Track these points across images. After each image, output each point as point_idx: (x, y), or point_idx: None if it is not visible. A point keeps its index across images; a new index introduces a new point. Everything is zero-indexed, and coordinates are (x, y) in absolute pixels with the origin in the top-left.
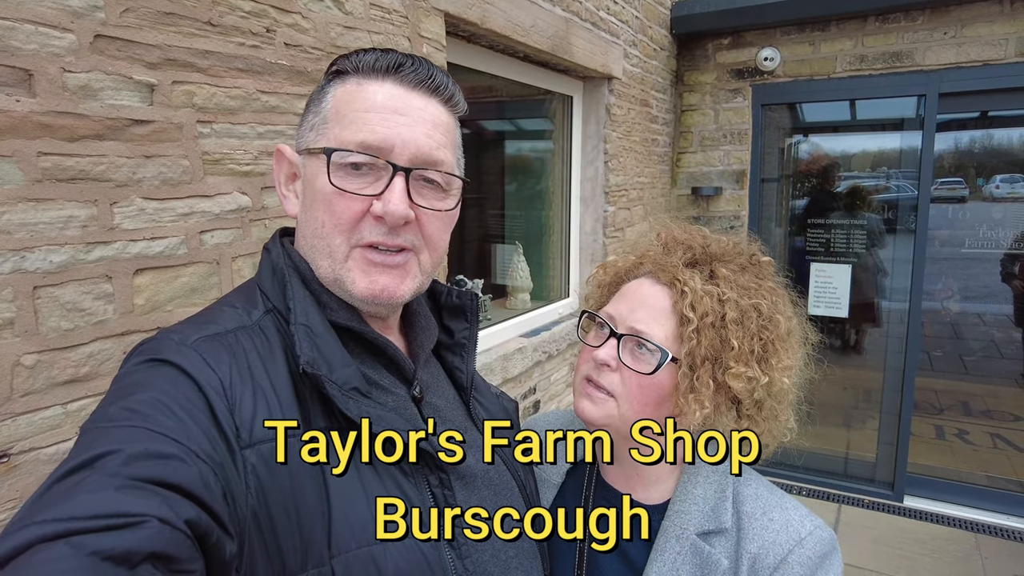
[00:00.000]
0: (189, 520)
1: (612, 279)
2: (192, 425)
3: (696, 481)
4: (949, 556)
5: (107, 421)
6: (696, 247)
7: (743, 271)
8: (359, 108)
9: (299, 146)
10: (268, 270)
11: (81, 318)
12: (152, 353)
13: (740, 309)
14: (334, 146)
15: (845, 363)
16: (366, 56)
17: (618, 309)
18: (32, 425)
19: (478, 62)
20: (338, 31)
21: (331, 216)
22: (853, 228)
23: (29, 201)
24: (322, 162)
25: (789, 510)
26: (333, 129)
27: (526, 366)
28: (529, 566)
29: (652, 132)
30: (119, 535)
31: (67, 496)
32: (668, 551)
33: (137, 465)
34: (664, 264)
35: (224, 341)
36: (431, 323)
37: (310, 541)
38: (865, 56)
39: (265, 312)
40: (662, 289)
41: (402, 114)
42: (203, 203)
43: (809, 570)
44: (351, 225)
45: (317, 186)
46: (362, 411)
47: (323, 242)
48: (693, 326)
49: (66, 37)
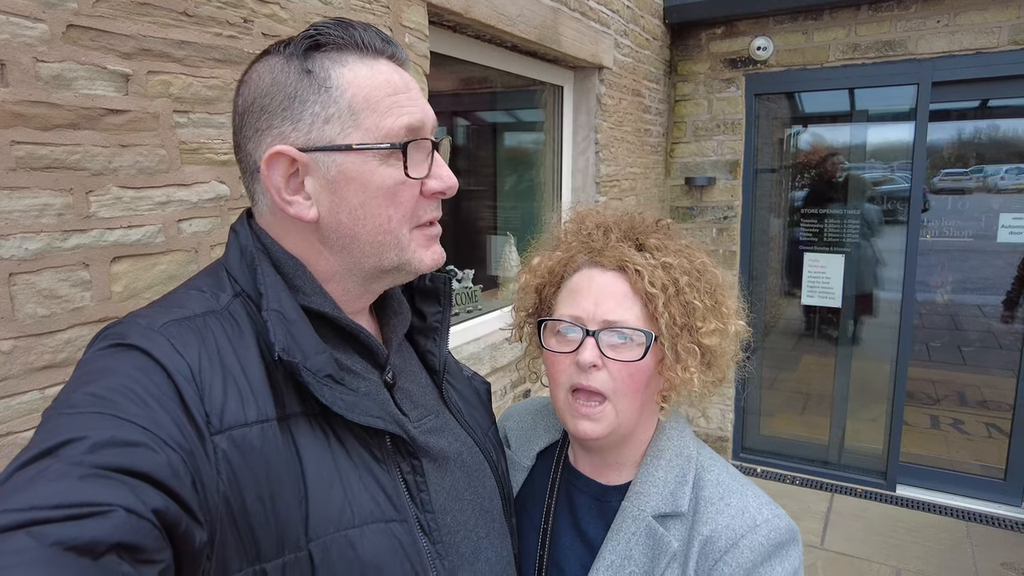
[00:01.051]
0: (157, 510)
1: (547, 279)
2: (160, 412)
3: (658, 464)
4: (939, 544)
5: (71, 407)
6: (612, 226)
7: (665, 237)
8: (386, 92)
9: (309, 143)
10: (236, 252)
11: (58, 305)
12: (118, 338)
13: (685, 271)
14: (378, 136)
15: (839, 353)
16: (355, 33)
17: (580, 306)
18: (9, 409)
19: (464, 52)
20: (317, 20)
21: (398, 208)
22: (847, 218)
23: (3, 189)
24: (373, 156)
25: (748, 497)
26: (369, 118)
27: (515, 355)
28: (499, 545)
29: (645, 122)
30: (82, 525)
31: (29, 485)
32: (624, 531)
33: (103, 453)
34: (601, 249)
35: (193, 325)
36: (404, 307)
37: (286, 526)
38: (858, 45)
39: (234, 296)
40: (613, 275)
41: (413, 89)
42: (180, 192)
43: (760, 556)
44: (412, 211)
45: (373, 181)
46: (336, 398)
47: (391, 236)
48: (661, 300)
49: (38, 27)
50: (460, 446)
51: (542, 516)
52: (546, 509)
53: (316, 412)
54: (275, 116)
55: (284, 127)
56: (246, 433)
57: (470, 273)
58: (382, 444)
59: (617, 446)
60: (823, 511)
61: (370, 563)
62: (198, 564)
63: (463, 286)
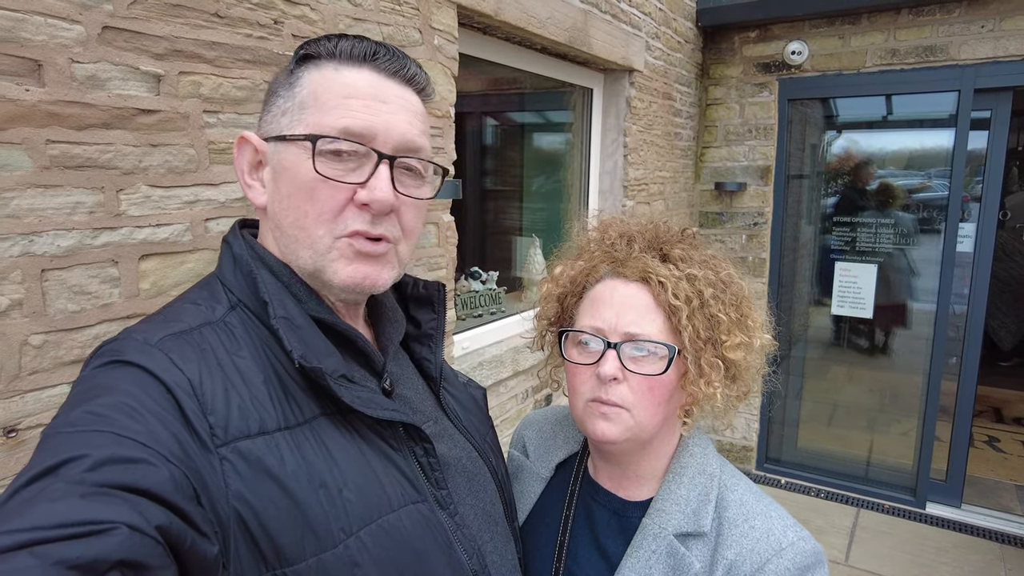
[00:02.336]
0: (160, 526)
1: (569, 289)
2: (160, 428)
3: (680, 482)
4: (970, 565)
5: (70, 426)
6: (636, 235)
7: (690, 247)
8: (339, 94)
9: (267, 132)
10: (230, 263)
11: (87, 301)
12: (115, 355)
13: (711, 283)
14: (316, 132)
15: (870, 365)
16: (342, 42)
17: (602, 318)
18: (39, 402)
19: (493, 54)
20: (347, 23)
21: (314, 205)
22: (880, 227)
23: (38, 187)
24: (301, 149)
25: (773, 518)
26: (312, 115)
27: (537, 359)
28: (503, 549)
29: (675, 126)
30: (85, 543)
31: (31, 505)
32: (644, 548)
33: (103, 471)
34: (624, 260)
35: (190, 339)
36: (398, 315)
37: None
38: (897, 50)
39: (230, 307)
40: (636, 286)
41: (383, 101)
42: (208, 191)
43: None
44: (334, 214)
45: (298, 174)
46: (354, 396)
47: (304, 233)
48: (684, 313)
49: (74, 28)
50: (460, 452)
51: (559, 528)
52: (563, 521)
53: (333, 411)
54: (261, 110)
55: (261, 118)
56: (252, 443)
57: (494, 275)
58: (396, 434)
59: (636, 455)
60: (848, 526)
61: (410, 544)
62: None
63: (487, 288)
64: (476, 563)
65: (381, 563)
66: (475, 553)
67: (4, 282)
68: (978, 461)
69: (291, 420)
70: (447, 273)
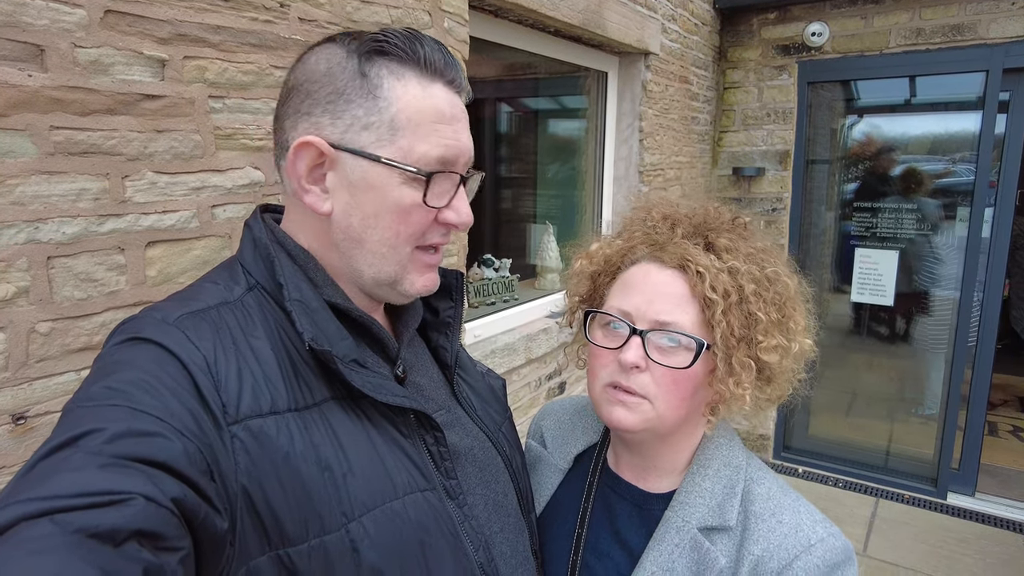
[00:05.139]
0: (175, 498)
1: (602, 268)
2: (175, 403)
3: (705, 474)
4: (993, 557)
5: (89, 401)
6: (682, 219)
7: (738, 237)
8: (431, 119)
9: (342, 142)
10: (250, 246)
11: (94, 288)
12: (134, 332)
13: (754, 279)
14: (409, 158)
15: (890, 353)
16: (418, 47)
17: (631, 302)
18: (47, 389)
19: (505, 37)
20: (355, 5)
21: (408, 226)
22: (902, 212)
23: (42, 174)
24: (398, 174)
25: (801, 513)
26: (406, 139)
27: (551, 347)
28: (515, 540)
29: (692, 110)
30: (104, 512)
31: (51, 475)
32: (667, 542)
33: (121, 443)
34: (663, 244)
35: (207, 317)
36: (416, 302)
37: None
38: (922, 30)
39: (248, 288)
40: (673, 273)
41: (460, 120)
42: (215, 177)
43: None
44: (421, 231)
45: (390, 195)
46: (365, 381)
47: (393, 251)
48: (720, 308)
49: (76, 12)
50: (472, 441)
51: (576, 520)
52: (581, 513)
53: (344, 395)
54: (317, 105)
55: (323, 119)
56: (262, 422)
57: (507, 262)
58: (407, 420)
59: (656, 447)
60: (867, 516)
61: (414, 530)
62: (221, 551)
63: (500, 275)
64: (482, 554)
65: (381, 549)
66: (482, 544)
67: (10, 270)
68: (1003, 451)
69: (301, 402)
70: (459, 261)
